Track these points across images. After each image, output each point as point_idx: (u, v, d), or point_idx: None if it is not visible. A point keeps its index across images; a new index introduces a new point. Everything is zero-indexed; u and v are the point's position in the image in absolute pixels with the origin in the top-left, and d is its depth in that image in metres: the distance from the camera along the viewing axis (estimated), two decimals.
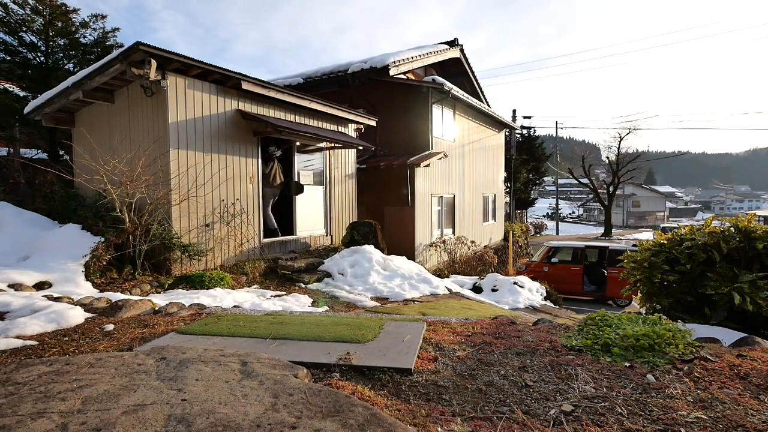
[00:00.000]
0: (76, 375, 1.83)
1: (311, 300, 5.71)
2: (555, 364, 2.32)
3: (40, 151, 10.60)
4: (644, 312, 4.00)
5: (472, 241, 13.16)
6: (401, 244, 10.39)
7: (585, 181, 32.53)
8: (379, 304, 5.85)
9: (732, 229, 3.59)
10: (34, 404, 1.54)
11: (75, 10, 9.87)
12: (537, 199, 34.67)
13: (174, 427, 1.41)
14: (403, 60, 11.24)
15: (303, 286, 6.54)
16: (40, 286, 4.76)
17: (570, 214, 70.36)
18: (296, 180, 8.06)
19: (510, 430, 1.65)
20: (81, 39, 10.20)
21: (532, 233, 30.75)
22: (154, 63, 5.36)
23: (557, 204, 38.95)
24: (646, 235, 28.16)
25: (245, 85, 6.48)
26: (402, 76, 11.68)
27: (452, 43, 14.01)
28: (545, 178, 34.59)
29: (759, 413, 1.69)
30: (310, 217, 8.42)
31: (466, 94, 12.57)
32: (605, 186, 32.09)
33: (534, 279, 9.78)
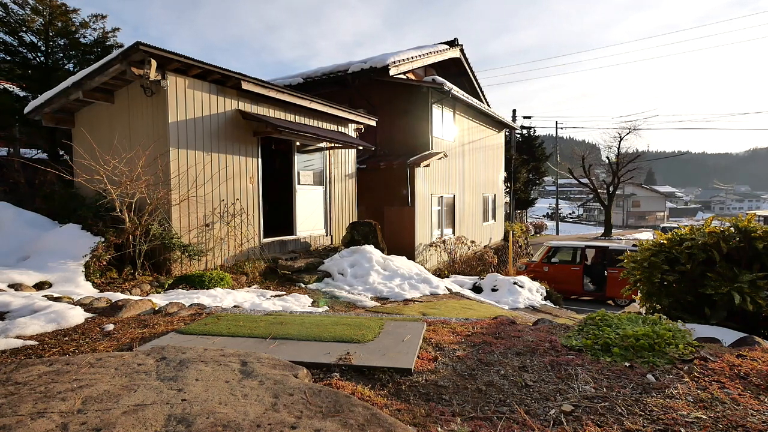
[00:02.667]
0: (76, 375, 1.83)
1: (311, 300, 5.71)
2: (555, 364, 2.32)
3: (40, 151, 10.59)
4: (644, 312, 4.00)
5: (472, 241, 13.16)
6: (401, 244, 10.39)
7: (585, 181, 32.51)
8: (379, 304, 5.85)
9: (732, 229, 3.59)
10: (34, 404, 1.54)
11: (75, 10, 9.86)
12: (537, 199, 34.67)
13: (174, 427, 1.41)
14: (403, 60, 11.24)
15: (303, 286, 6.53)
16: (40, 286, 4.76)
17: (570, 214, 70.33)
18: (296, 180, 7.99)
19: (510, 430, 1.65)
20: (81, 39, 10.19)
21: (532, 233, 30.74)
22: (154, 63, 5.36)
23: (557, 204, 38.94)
24: (646, 235, 28.16)
25: (245, 85, 6.48)
26: (402, 76, 11.68)
27: (452, 43, 14.01)
28: (545, 178, 34.58)
29: (759, 413, 1.69)
30: (310, 217, 8.42)
31: (466, 94, 12.56)
32: (605, 186, 32.07)
33: (534, 279, 9.78)
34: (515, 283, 8.63)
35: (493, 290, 8.49)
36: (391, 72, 10.71)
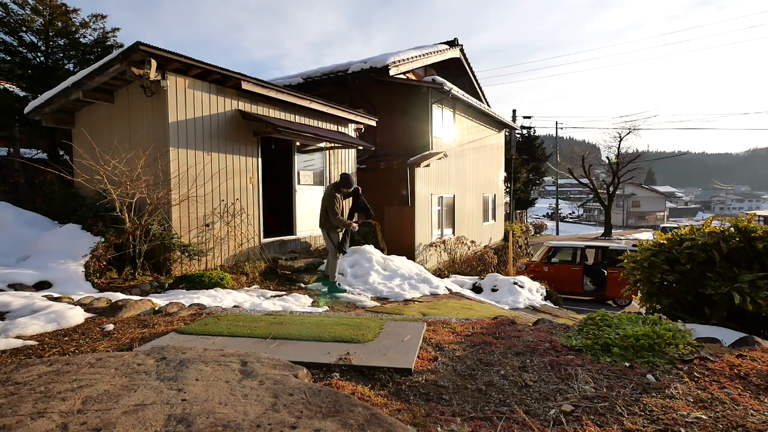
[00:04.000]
0: (76, 375, 1.83)
1: (311, 300, 5.71)
2: (555, 364, 2.32)
3: (40, 151, 10.60)
4: (644, 312, 4.00)
5: (472, 241, 13.16)
6: (401, 244, 10.39)
7: (585, 181, 32.53)
8: (379, 304, 5.85)
9: (732, 229, 3.59)
10: (34, 404, 1.54)
11: (75, 10, 9.87)
12: (537, 199, 34.65)
13: (174, 427, 1.41)
14: (403, 60, 11.25)
15: (303, 286, 6.53)
16: (40, 286, 4.76)
17: (570, 214, 70.32)
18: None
19: (510, 430, 1.65)
20: (81, 39, 10.20)
21: (532, 233, 30.74)
22: (154, 63, 5.36)
23: (557, 204, 38.96)
24: (646, 235, 28.16)
25: (245, 85, 6.48)
26: (402, 76, 11.68)
27: (452, 43, 14.01)
28: (545, 178, 34.58)
29: (759, 413, 1.69)
30: (311, 217, 8.42)
31: (466, 94, 12.57)
32: (605, 186, 32.08)
33: (534, 279, 9.79)
34: (515, 283, 8.63)
35: (493, 290, 8.49)
36: (391, 72, 10.72)
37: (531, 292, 8.74)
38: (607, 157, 33.70)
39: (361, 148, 9.22)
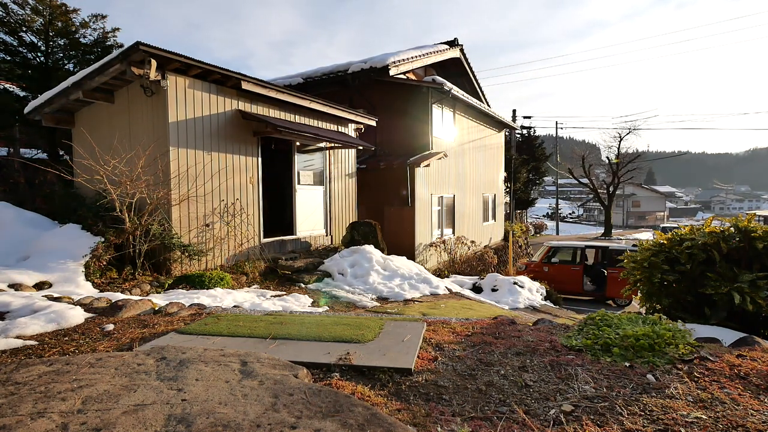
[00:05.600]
0: (76, 375, 1.83)
1: (311, 300, 5.71)
2: (555, 364, 2.32)
3: (40, 151, 10.60)
4: (644, 312, 4.00)
5: (472, 241, 13.16)
6: (401, 244, 10.38)
7: (585, 181, 32.53)
8: (379, 304, 5.85)
9: (732, 229, 3.59)
10: (34, 404, 1.54)
11: (75, 10, 9.87)
12: (537, 199, 34.66)
13: (174, 427, 1.41)
14: (403, 60, 11.24)
15: (303, 286, 6.53)
16: (40, 286, 4.76)
17: (570, 214, 70.30)
18: (296, 180, 7.98)
19: (510, 430, 1.65)
20: (81, 39, 10.20)
21: (532, 233, 30.73)
22: (154, 63, 5.36)
23: (557, 204, 38.95)
24: (646, 235, 28.16)
25: (245, 85, 6.48)
26: (402, 76, 11.68)
27: (452, 43, 14.01)
28: (545, 178, 34.58)
29: (759, 413, 1.69)
30: (310, 217, 8.42)
31: (466, 94, 12.56)
32: (605, 186, 32.08)
33: (534, 279, 9.78)
34: (515, 283, 8.63)
35: (493, 290, 8.49)
36: (391, 72, 10.71)
37: (531, 292, 8.74)
38: (607, 157, 33.71)
39: (361, 148, 9.22)
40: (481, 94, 16.21)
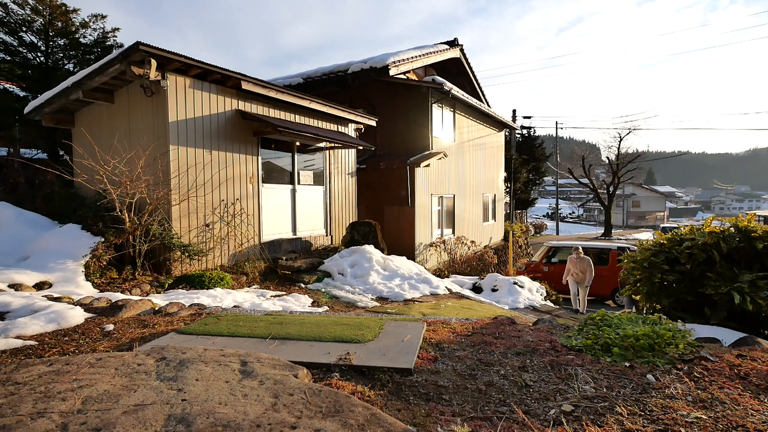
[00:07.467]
0: (76, 375, 1.83)
1: (311, 300, 5.71)
2: (555, 364, 2.32)
3: (40, 151, 10.60)
4: (644, 312, 4.00)
5: (472, 241, 13.16)
6: (401, 244, 10.38)
7: (585, 181, 32.51)
8: (379, 304, 5.86)
9: (732, 229, 3.59)
10: (34, 404, 1.54)
11: (75, 10, 9.87)
12: (537, 199, 34.63)
13: (174, 427, 1.41)
14: (403, 60, 11.24)
15: (303, 286, 6.53)
16: (40, 286, 4.76)
17: (570, 214, 70.28)
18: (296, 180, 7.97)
19: (510, 430, 1.65)
20: (81, 39, 10.20)
21: (532, 233, 30.72)
22: (154, 63, 5.36)
23: (557, 204, 38.93)
24: (646, 235, 28.15)
25: (245, 85, 6.48)
26: (402, 76, 11.68)
27: (452, 43, 14.01)
28: (545, 178, 34.54)
29: (759, 413, 1.69)
30: (310, 217, 8.42)
31: (465, 94, 12.56)
32: (605, 186, 32.07)
33: (534, 279, 9.78)
34: (515, 283, 8.63)
35: (493, 290, 8.49)
36: (391, 72, 10.71)
37: (531, 292, 8.73)
38: (607, 157, 33.70)
39: (361, 148, 9.21)
40: (481, 94, 16.21)
